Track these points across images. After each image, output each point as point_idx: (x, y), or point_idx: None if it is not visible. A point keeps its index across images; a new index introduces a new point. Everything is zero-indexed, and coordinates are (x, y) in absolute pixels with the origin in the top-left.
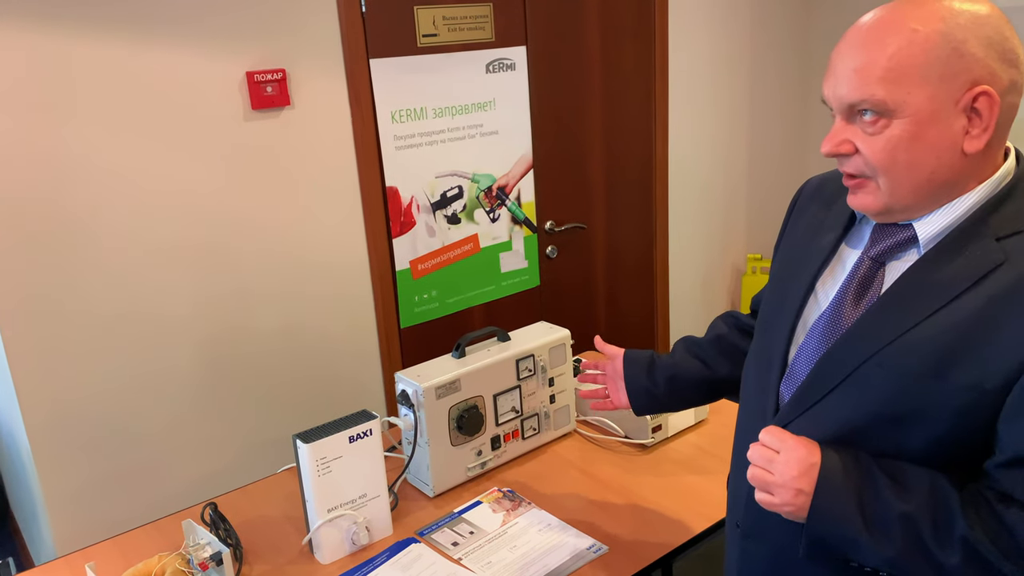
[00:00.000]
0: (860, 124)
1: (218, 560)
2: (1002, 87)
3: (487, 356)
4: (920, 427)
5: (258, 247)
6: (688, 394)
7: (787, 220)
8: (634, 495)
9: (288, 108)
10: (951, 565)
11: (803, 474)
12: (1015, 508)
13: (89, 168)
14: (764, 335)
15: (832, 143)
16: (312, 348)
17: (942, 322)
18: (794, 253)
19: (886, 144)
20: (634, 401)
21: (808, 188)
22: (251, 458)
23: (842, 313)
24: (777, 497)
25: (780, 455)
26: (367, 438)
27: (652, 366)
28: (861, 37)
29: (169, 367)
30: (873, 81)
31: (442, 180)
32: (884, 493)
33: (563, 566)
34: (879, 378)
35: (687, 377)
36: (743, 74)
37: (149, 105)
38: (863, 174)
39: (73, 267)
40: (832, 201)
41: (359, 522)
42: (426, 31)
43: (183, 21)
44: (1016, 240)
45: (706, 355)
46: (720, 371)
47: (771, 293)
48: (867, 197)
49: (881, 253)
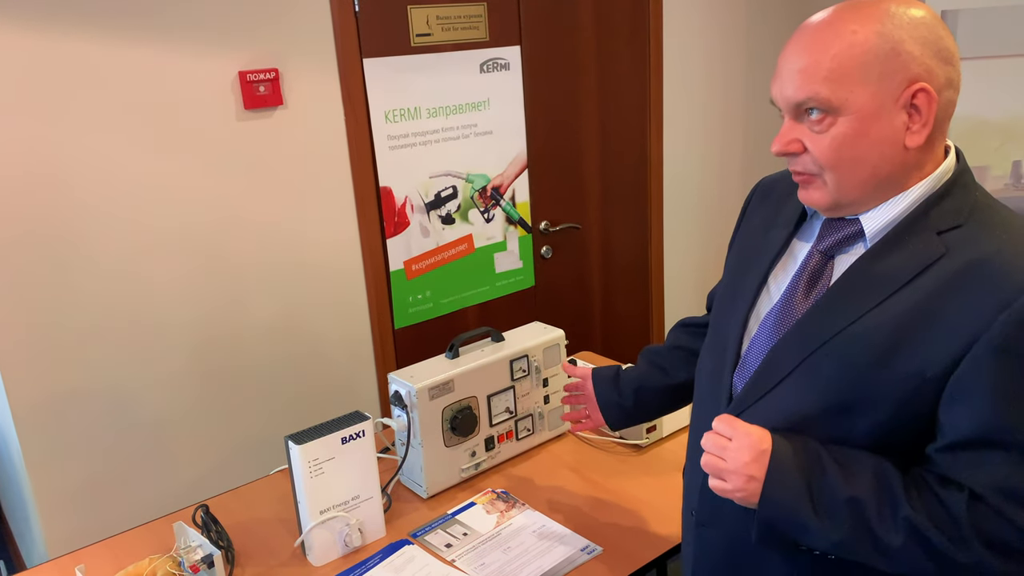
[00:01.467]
0: (807, 123)
1: (209, 562)
2: (939, 83)
3: (481, 356)
4: (866, 415)
5: (251, 247)
6: (655, 403)
7: (741, 217)
8: (628, 496)
9: (281, 108)
10: (895, 546)
11: (754, 460)
12: (953, 489)
13: (81, 168)
14: (718, 328)
15: (781, 142)
16: (305, 348)
17: (886, 313)
18: (747, 248)
19: (832, 141)
20: (606, 416)
21: (761, 186)
22: (243, 459)
23: (792, 305)
24: (729, 483)
25: (732, 442)
26: (360, 439)
27: (618, 380)
28: (805, 40)
29: (160, 367)
30: (817, 81)
31: (436, 180)
32: (832, 478)
33: (557, 567)
34: (827, 368)
35: (652, 387)
36: (738, 74)
37: (141, 105)
38: (810, 171)
39: (64, 268)
40: (785, 198)
41: (352, 524)
42: (420, 30)
43: (175, 20)
44: (956, 233)
45: (666, 363)
46: (680, 376)
47: (725, 288)
48: (815, 193)
49: (830, 247)
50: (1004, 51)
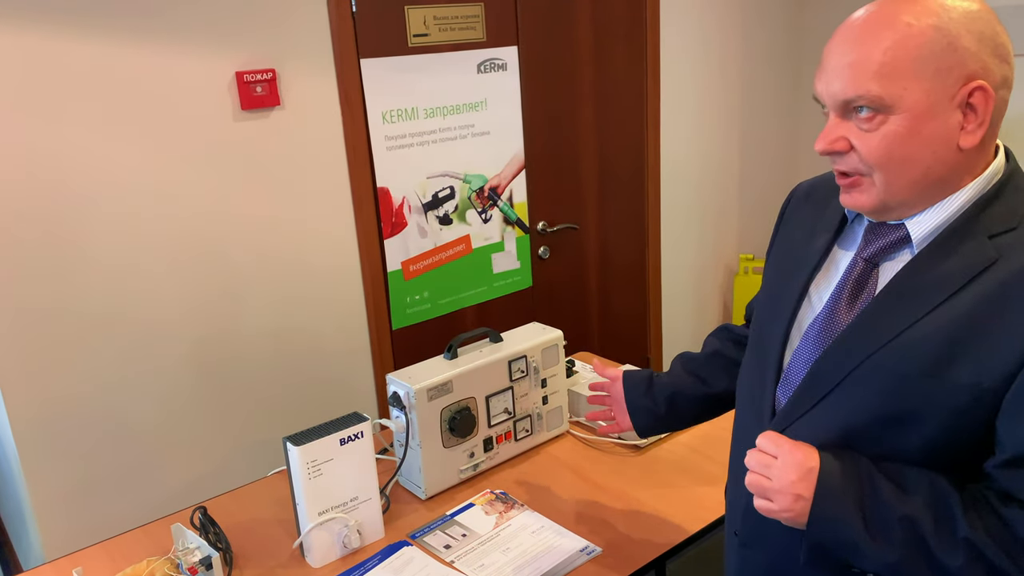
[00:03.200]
0: (855, 121)
1: (208, 564)
2: (995, 82)
3: (479, 357)
4: (917, 428)
5: (248, 248)
6: (690, 411)
7: (778, 225)
8: (628, 497)
9: (278, 108)
10: (955, 567)
11: (801, 479)
12: (1015, 507)
13: (77, 169)
14: (758, 341)
15: (826, 140)
16: (303, 349)
17: (938, 321)
18: (786, 257)
19: (882, 140)
20: (636, 421)
21: (798, 192)
22: (241, 461)
23: (836, 315)
24: (776, 503)
25: (778, 460)
26: (358, 440)
27: (651, 386)
28: (855, 32)
29: (158, 369)
30: (868, 77)
31: (433, 181)
32: (884, 496)
33: (556, 568)
34: (875, 380)
35: (687, 395)
36: (735, 74)
37: (137, 105)
38: (858, 171)
39: (61, 268)
40: (823, 204)
41: (350, 525)
42: (417, 31)
43: (172, 21)
44: (1008, 237)
45: (703, 371)
46: (718, 386)
47: (765, 299)
48: (861, 195)
49: (874, 254)
50: None
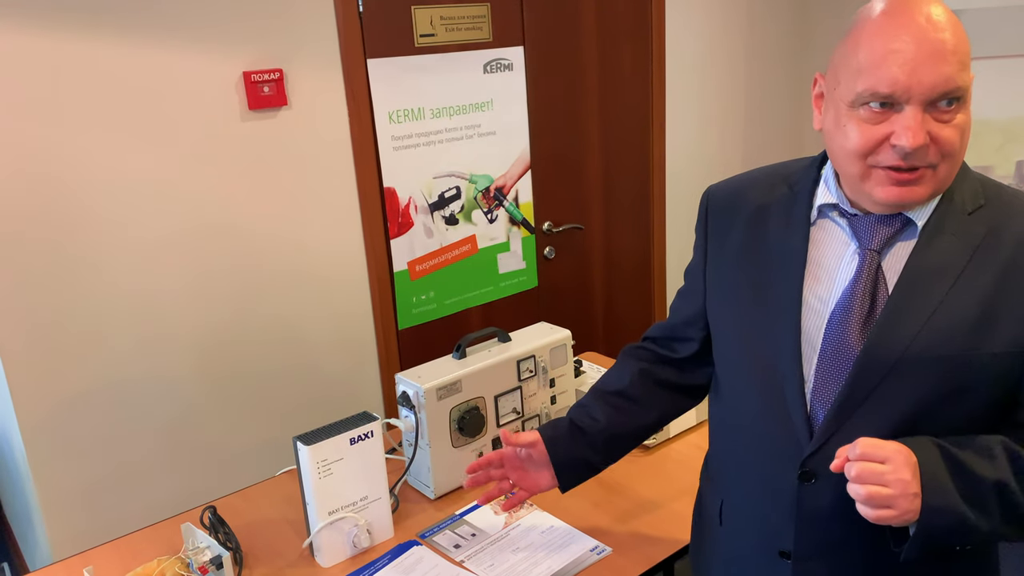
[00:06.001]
0: (933, 113)
1: (218, 564)
2: None
3: (488, 357)
4: (965, 401)
5: (255, 247)
6: (622, 450)
7: (704, 233)
8: (636, 496)
9: (285, 108)
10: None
11: (914, 476)
12: None
13: (85, 169)
14: (757, 352)
15: (921, 134)
16: (310, 349)
17: (961, 298)
18: (754, 265)
19: (955, 131)
20: (564, 479)
21: (720, 197)
22: (250, 461)
23: (853, 315)
24: (897, 508)
25: (888, 465)
26: (368, 440)
27: (579, 435)
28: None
29: (167, 368)
30: (962, 67)
31: (440, 181)
32: (972, 469)
33: (567, 568)
34: (919, 365)
35: (624, 433)
36: (740, 75)
37: (145, 105)
38: (929, 164)
39: (69, 269)
40: (764, 207)
41: (360, 525)
42: (423, 31)
43: (179, 21)
44: (983, 213)
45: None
46: (651, 415)
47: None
48: (920, 188)
49: (880, 245)
50: (1005, 51)
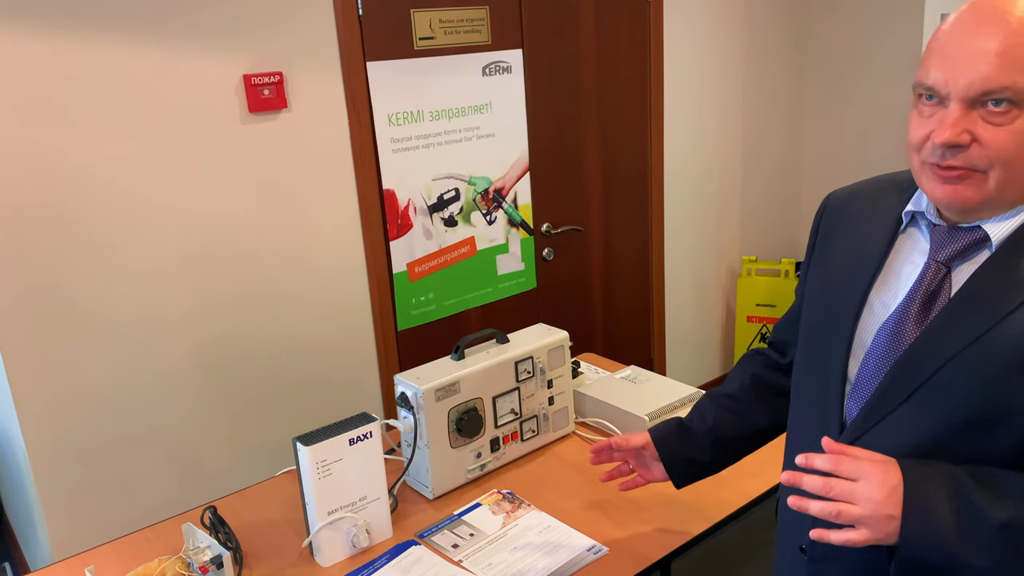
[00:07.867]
0: (982, 113)
1: (218, 564)
2: None
3: (486, 358)
4: (1005, 430)
5: (255, 248)
6: (733, 453)
7: (815, 237)
8: (633, 496)
9: (285, 111)
10: None
11: (889, 496)
12: None
13: (85, 171)
14: (814, 356)
15: (954, 132)
16: (309, 350)
17: (1021, 320)
18: (835, 270)
19: (1012, 136)
20: (676, 476)
21: (834, 203)
22: (250, 461)
23: (907, 320)
24: (868, 530)
25: (860, 484)
26: (367, 440)
27: (686, 434)
28: (997, 17)
29: (167, 369)
30: (1018, 67)
31: (439, 183)
32: (978, 503)
33: (564, 567)
34: (959, 381)
35: (731, 436)
36: (738, 77)
37: (145, 108)
38: (974, 167)
39: (69, 270)
40: (866, 212)
41: (359, 524)
42: (423, 34)
43: (179, 24)
44: None
45: (743, 406)
46: (761, 421)
47: (814, 314)
48: (967, 190)
49: (949, 257)
50: None
